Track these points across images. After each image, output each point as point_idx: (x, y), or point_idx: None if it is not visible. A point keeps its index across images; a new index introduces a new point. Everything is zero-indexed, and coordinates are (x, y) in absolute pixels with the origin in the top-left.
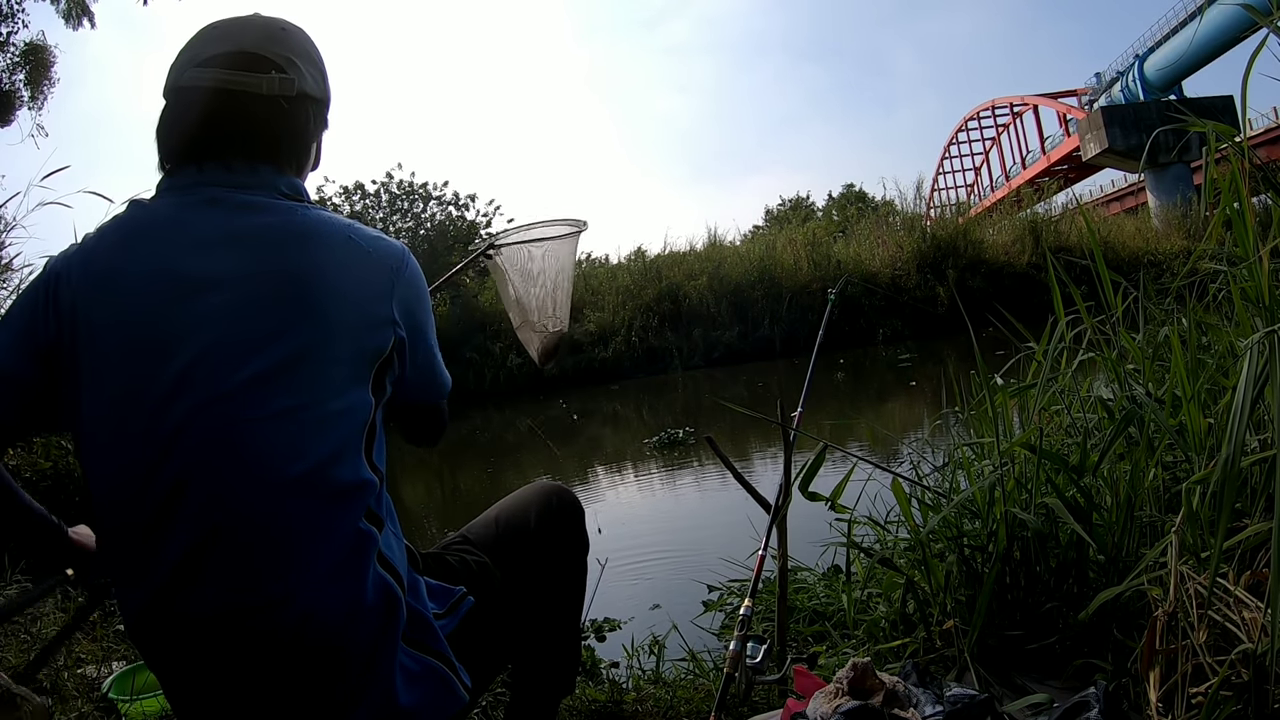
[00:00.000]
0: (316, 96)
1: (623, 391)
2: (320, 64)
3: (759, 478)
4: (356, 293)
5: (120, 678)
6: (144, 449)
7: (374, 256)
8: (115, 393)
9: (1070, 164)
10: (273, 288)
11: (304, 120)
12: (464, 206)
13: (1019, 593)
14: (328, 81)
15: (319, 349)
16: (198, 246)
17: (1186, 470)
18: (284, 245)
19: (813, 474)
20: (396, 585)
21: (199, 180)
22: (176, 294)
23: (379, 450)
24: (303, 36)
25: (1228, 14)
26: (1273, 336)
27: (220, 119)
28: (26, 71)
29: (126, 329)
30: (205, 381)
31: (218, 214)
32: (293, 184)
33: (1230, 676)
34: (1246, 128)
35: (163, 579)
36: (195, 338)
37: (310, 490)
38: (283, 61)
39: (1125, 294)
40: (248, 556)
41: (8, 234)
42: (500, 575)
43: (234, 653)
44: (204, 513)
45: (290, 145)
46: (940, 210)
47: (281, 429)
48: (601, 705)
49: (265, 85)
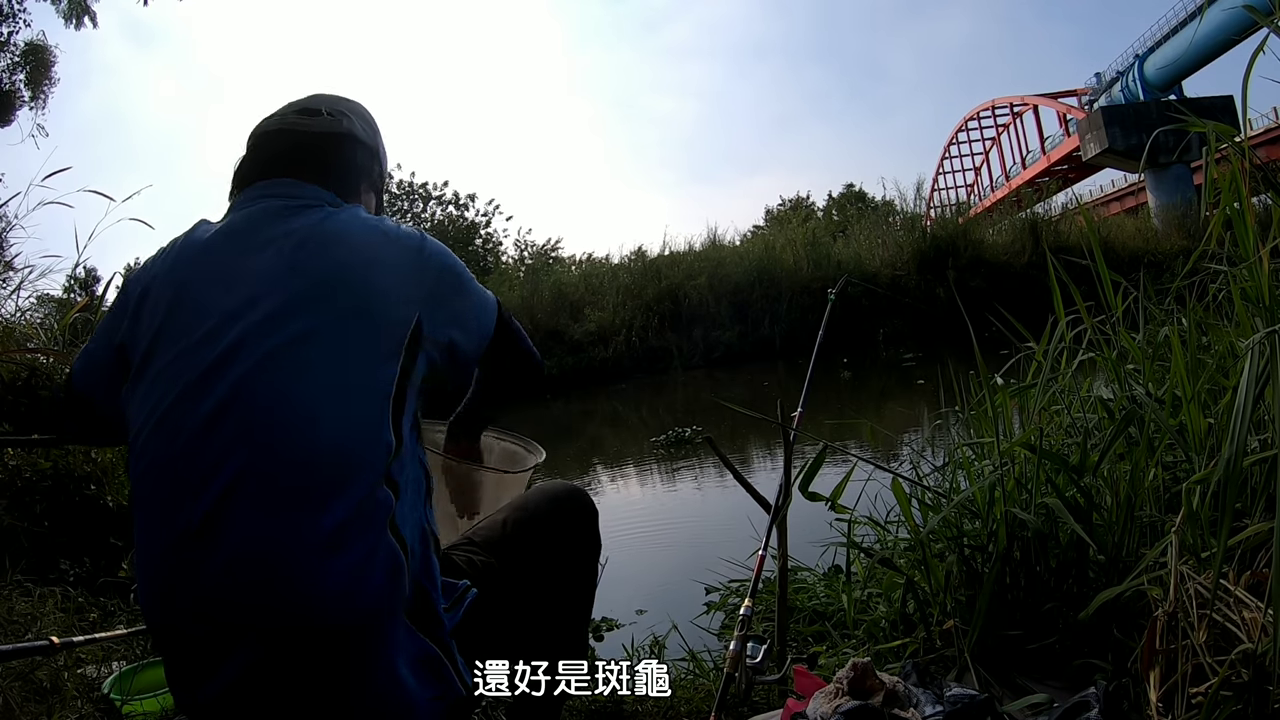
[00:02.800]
0: (365, 142)
1: (623, 391)
2: (373, 123)
3: (759, 478)
4: (382, 273)
5: (120, 678)
6: (192, 404)
7: (399, 241)
8: (171, 364)
9: (1070, 164)
10: (310, 268)
11: (350, 155)
12: (464, 206)
13: (1019, 593)
14: (379, 137)
15: (348, 322)
16: (249, 243)
17: (1186, 470)
18: (323, 237)
19: (813, 474)
20: (403, 556)
21: (258, 195)
22: (232, 281)
23: (408, 421)
24: (360, 104)
25: (1228, 14)
26: (1273, 336)
27: (279, 149)
28: (27, 71)
29: (185, 316)
30: (250, 350)
31: (267, 217)
32: (337, 200)
33: (1230, 676)
34: (1246, 128)
35: (190, 527)
36: (245, 317)
37: (333, 447)
38: (335, 112)
39: (1125, 294)
40: (266, 509)
41: (8, 234)
42: (506, 576)
43: (241, 615)
44: (229, 460)
45: (337, 173)
46: (940, 210)
47: (310, 390)
48: (601, 705)
49: (317, 125)
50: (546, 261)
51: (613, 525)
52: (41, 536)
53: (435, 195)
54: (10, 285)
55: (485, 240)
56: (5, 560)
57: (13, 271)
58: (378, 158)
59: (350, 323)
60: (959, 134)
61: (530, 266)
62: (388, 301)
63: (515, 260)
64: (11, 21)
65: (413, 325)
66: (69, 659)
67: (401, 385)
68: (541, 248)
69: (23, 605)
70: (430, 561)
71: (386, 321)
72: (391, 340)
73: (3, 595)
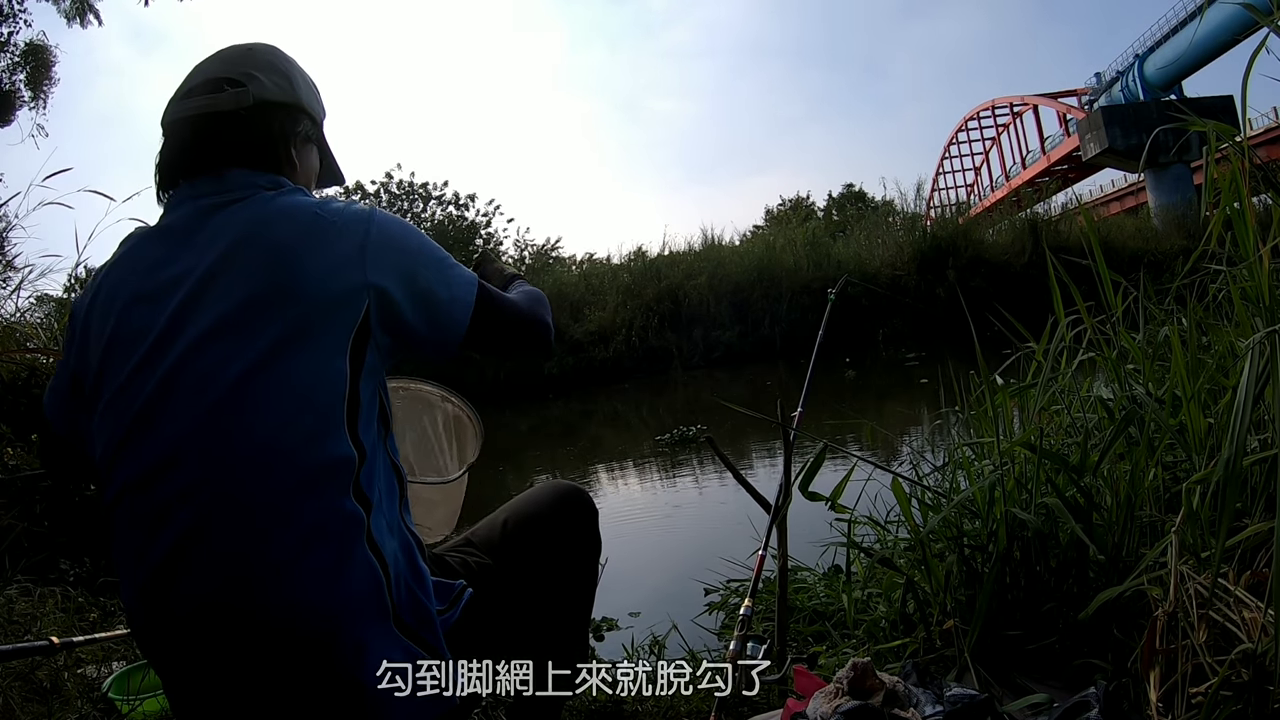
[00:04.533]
0: (284, 101)
1: (623, 391)
2: (288, 72)
3: (759, 478)
4: (324, 265)
5: (120, 678)
6: (141, 436)
7: (340, 226)
8: (117, 395)
9: (1070, 164)
10: (245, 270)
11: (267, 124)
12: (464, 206)
13: (1019, 593)
14: (301, 86)
15: (291, 323)
16: (178, 253)
17: (1186, 470)
18: (254, 230)
19: (813, 474)
20: (381, 569)
21: (184, 196)
22: (163, 295)
23: (365, 425)
24: (268, 51)
25: (1228, 14)
26: (1273, 336)
27: (190, 141)
28: (27, 71)
29: (123, 339)
30: (192, 367)
31: (197, 218)
32: (274, 179)
33: (1230, 676)
34: (1246, 127)
35: (157, 560)
36: (183, 331)
37: (289, 466)
38: (241, 77)
39: (1125, 294)
40: (232, 536)
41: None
42: (504, 576)
43: (221, 638)
44: (191, 493)
45: (258, 148)
46: (940, 210)
47: (260, 404)
48: (601, 705)
49: (221, 102)
50: (546, 262)
51: (613, 525)
52: (41, 536)
53: (435, 195)
54: (10, 285)
55: (486, 240)
56: (5, 560)
57: (13, 271)
58: (302, 108)
59: (289, 329)
60: (959, 134)
61: (530, 266)
62: (328, 296)
63: (515, 260)
64: (12, 21)
65: (360, 317)
66: (69, 659)
67: (354, 386)
68: (541, 248)
69: (23, 605)
70: (418, 568)
71: (328, 320)
72: (336, 338)
73: (3, 595)
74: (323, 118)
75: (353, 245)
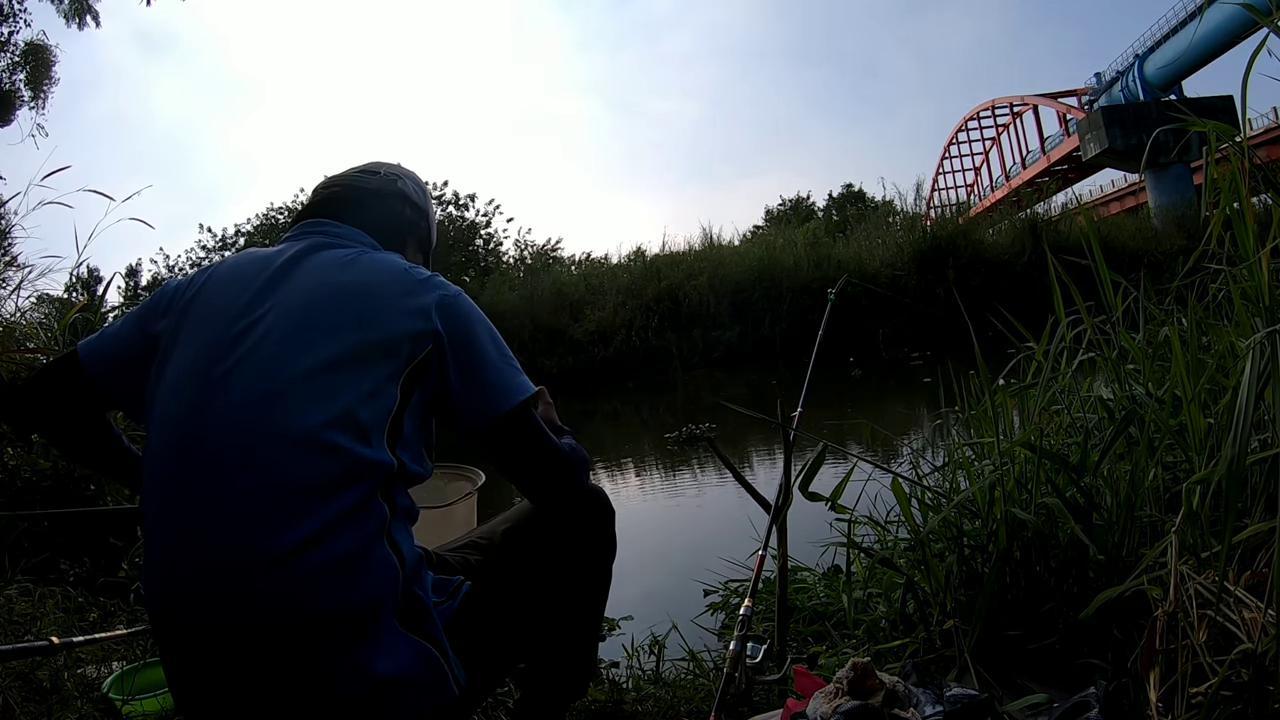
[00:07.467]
0: (414, 201)
1: (623, 391)
2: (424, 190)
3: (759, 478)
4: (403, 307)
5: (120, 678)
6: (201, 394)
7: (426, 284)
8: (180, 380)
9: (1070, 164)
10: (334, 293)
11: (398, 209)
12: (464, 206)
13: (1019, 593)
14: (429, 203)
15: (362, 343)
16: (285, 266)
17: (1186, 470)
18: (347, 269)
19: (813, 474)
20: (399, 567)
21: (301, 230)
22: (257, 297)
23: (404, 447)
24: (414, 174)
25: (1228, 14)
26: (1273, 336)
27: (333, 195)
28: (27, 71)
29: (215, 322)
30: (261, 354)
31: (302, 247)
32: (375, 243)
33: (1230, 676)
34: (1246, 127)
35: (189, 520)
36: (263, 325)
37: (329, 454)
38: (391, 173)
39: (1125, 294)
40: (262, 505)
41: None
42: (506, 571)
43: (225, 613)
44: (230, 460)
45: (382, 222)
46: (940, 210)
47: (312, 395)
48: (601, 705)
49: (371, 181)
50: (546, 261)
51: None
52: (41, 536)
53: (435, 195)
54: (10, 285)
55: (486, 240)
56: (5, 560)
57: (13, 271)
58: (426, 218)
59: (359, 346)
60: (959, 134)
61: (530, 266)
62: (399, 330)
63: (515, 260)
64: (12, 21)
65: (419, 355)
66: (69, 659)
67: (400, 412)
68: (541, 248)
69: (23, 605)
70: (422, 574)
71: (393, 349)
72: (395, 365)
73: (3, 595)
74: (434, 243)
75: (433, 300)
